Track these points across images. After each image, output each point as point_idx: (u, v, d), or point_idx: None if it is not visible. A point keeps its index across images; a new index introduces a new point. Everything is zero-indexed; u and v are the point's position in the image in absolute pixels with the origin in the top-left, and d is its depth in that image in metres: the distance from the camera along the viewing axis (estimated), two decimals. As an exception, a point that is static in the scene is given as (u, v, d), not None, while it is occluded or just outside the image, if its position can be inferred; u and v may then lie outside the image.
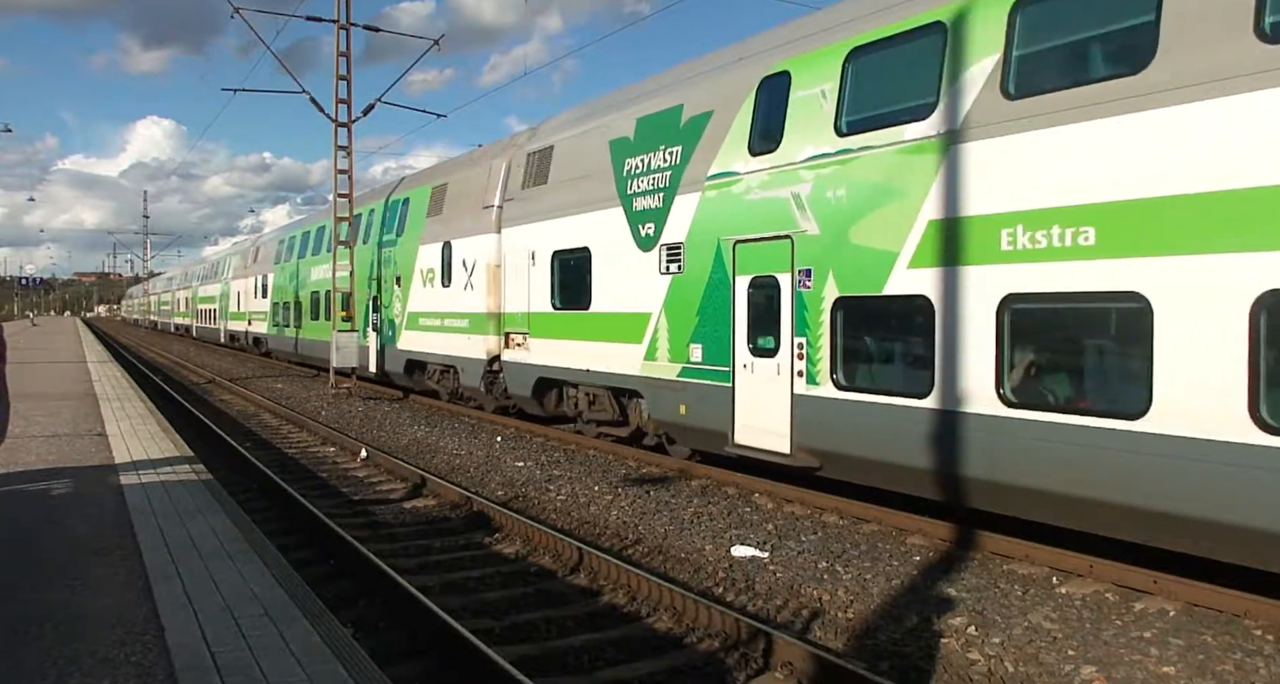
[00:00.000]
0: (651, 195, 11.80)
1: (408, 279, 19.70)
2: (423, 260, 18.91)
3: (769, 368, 9.89)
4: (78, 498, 7.96)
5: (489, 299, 16.09)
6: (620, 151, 12.55)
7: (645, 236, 11.89)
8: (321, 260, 26.22)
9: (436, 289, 18.22)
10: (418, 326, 19.23)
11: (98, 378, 21.12)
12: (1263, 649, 5.93)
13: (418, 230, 19.35)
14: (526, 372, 14.92)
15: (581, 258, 13.35)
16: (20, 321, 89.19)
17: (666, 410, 11.60)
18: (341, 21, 22.26)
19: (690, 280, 11.01)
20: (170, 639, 4.54)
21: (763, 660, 5.90)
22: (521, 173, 15.30)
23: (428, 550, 8.72)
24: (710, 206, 10.72)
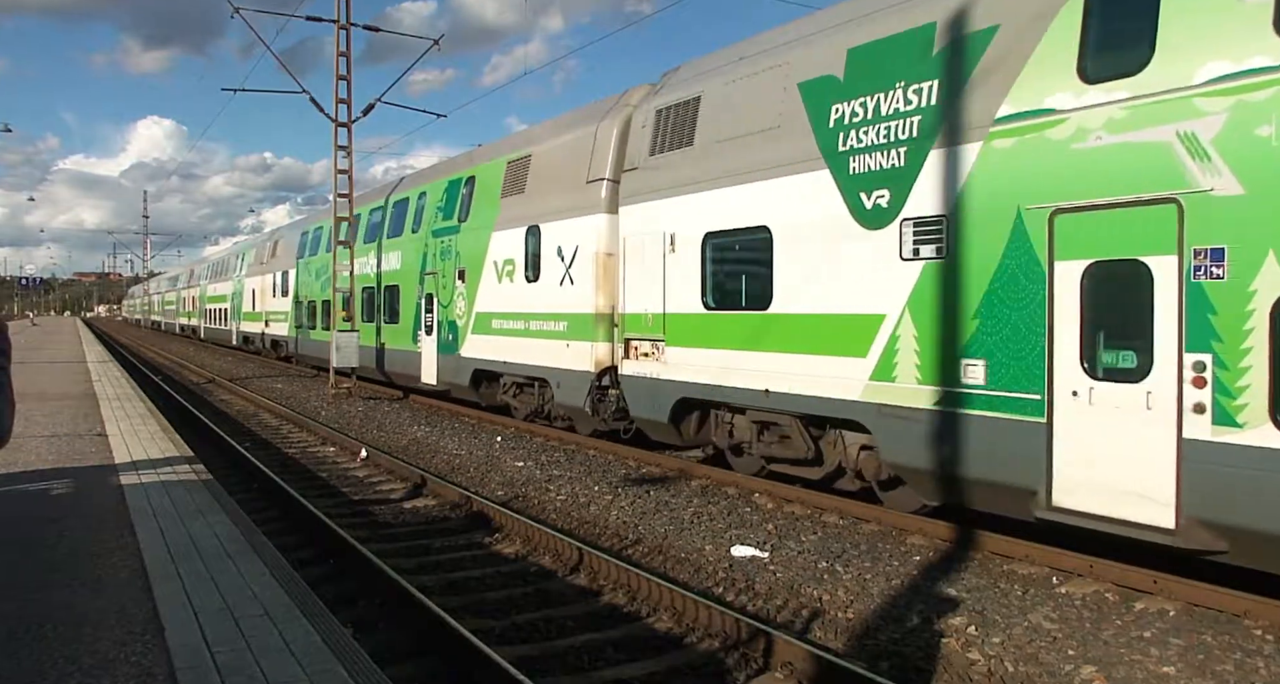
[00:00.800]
0: (883, 152, 8.72)
1: (475, 273, 16.69)
2: (497, 250, 15.93)
3: (1128, 397, 6.84)
4: (78, 498, 7.96)
5: (597, 296, 13.11)
6: (820, 95, 9.47)
7: (873, 209, 8.78)
8: (366, 252, 23.17)
9: (517, 284, 15.23)
10: (489, 330, 16.17)
11: (98, 378, 21.12)
12: (1263, 649, 5.93)
13: (489, 214, 16.36)
14: (660, 390, 11.78)
15: (754, 241, 10.31)
16: (20, 321, 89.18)
17: (911, 450, 8.39)
18: (341, 21, 22.26)
19: (961, 268, 7.92)
20: (170, 639, 4.54)
21: (763, 660, 5.90)
22: (649, 134, 12.21)
23: (428, 550, 8.72)
24: (1000, 162, 7.66)
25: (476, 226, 16.82)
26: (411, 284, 19.77)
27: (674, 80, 12.43)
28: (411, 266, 19.80)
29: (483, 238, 16.48)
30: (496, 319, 15.95)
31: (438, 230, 18.52)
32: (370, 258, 22.60)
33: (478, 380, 17.00)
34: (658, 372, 11.84)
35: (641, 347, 12.19)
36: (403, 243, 20.44)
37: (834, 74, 9.42)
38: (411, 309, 19.76)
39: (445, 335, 17.98)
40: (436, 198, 18.94)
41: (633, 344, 12.39)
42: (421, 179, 20.87)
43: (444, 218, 18.34)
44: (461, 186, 17.81)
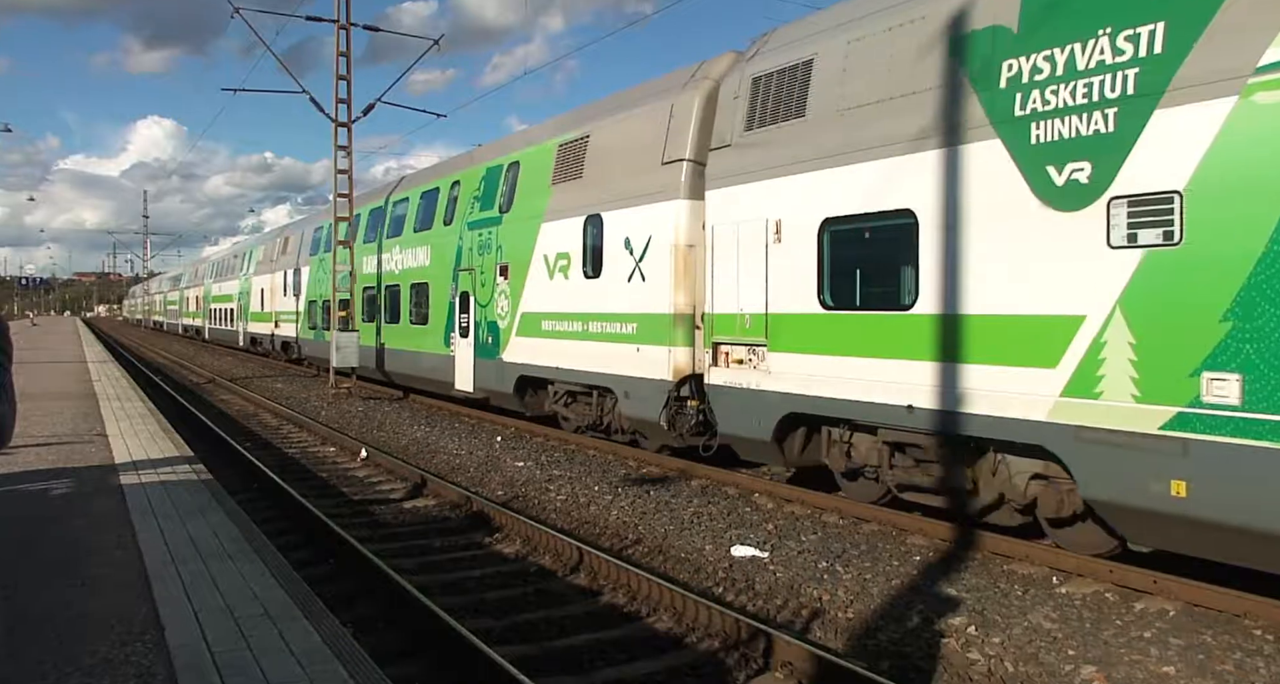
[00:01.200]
0: (1082, 115, 7.04)
1: (520, 268, 14.99)
2: (547, 242, 14.29)
3: None
4: (78, 498, 7.96)
5: (675, 295, 11.44)
6: (986, 50, 7.80)
7: (1067, 186, 7.11)
8: (385, 248, 21.51)
9: (574, 281, 13.58)
10: (537, 332, 14.50)
11: (98, 378, 21.12)
12: (1263, 649, 5.93)
13: (537, 203, 14.68)
14: (761, 403, 10.04)
15: (891, 228, 8.68)
16: (20, 321, 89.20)
17: (1128, 486, 6.74)
18: (341, 21, 22.28)
19: (1203, 258, 6.32)
20: (170, 639, 4.54)
21: (763, 660, 5.90)
22: (743, 107, 10.49)
23: (428, 550, 8.72)
24: (1264, 122, 6.09)
25: (522, 217, 15.10)
26: (443, 282, 17.93)
27: (772, 44, 10.58)
28: (443, 263, 17.97)
29: (530, 229, 14.75)
30: (547, 320, 14.22)
31: (475, 222, 16.71)
32: (392, 254, 20.91)
33: (522, 388, 15.19)
34: (758, 381, 10.08)
35: (735, 352, 10.40)
36: (432, 237, 18.65)
37: (1005, 24, 7.67)
38: (443, 309, 17.92)
39: (484, 338, 16.13)
40: (473, 187, 17.07)
41: (723, 349, 10.57)
42: (453, 167, 19.11)
43: (482, 208, 16.53)
44: (503, 174, 15.99)
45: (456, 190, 17.93)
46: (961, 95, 7.99)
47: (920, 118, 8.32)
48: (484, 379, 16.24)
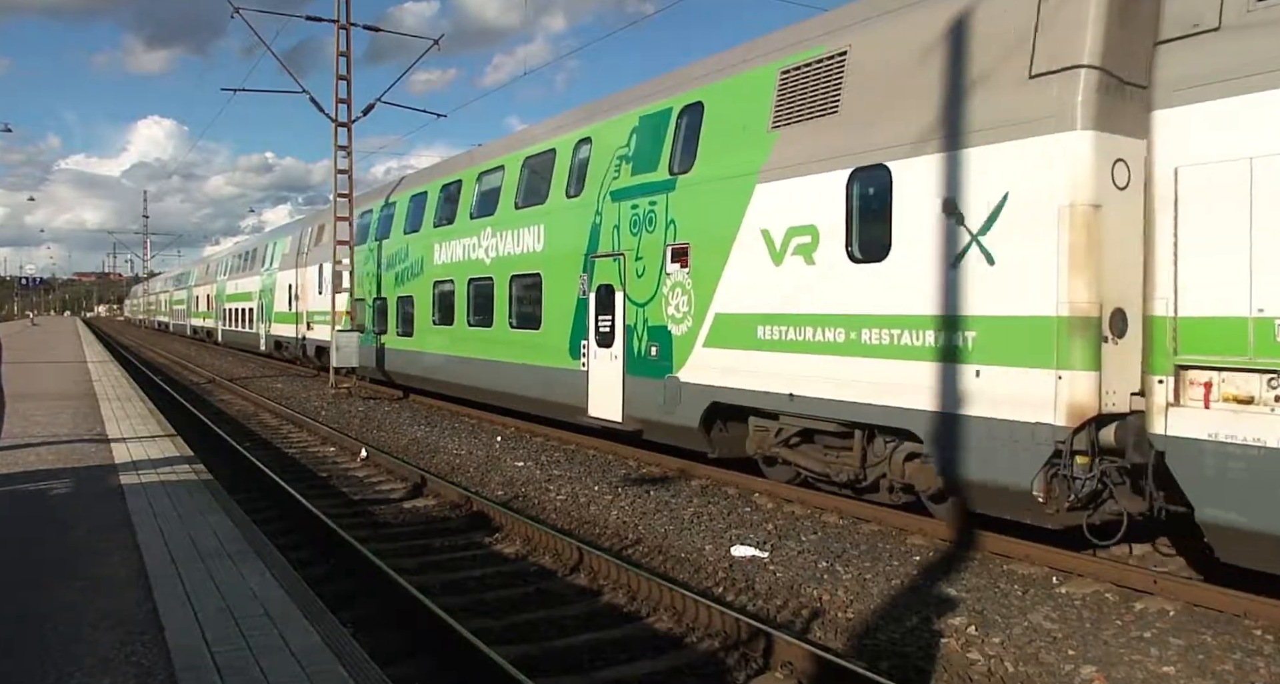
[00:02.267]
0: None
1: (712, 251, 10.77)
2: (766, 212, 10.02)
3: None
4: (78, 498, 7.96)
5: (1073, 284, 7.26)
6: None
7: None
8: (449, 236, 17.64)
9: (825, 267, 9.31)
10: (746, 341, 10.24)
11: (98, 378, 21.12)
12: (1263, 649, 5.93)
13: (744, 156, 10.35)
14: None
15: None
16: (20, 321, 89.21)
17: None
18: (341, 21, 22.29)
19: None
20: (170, 639, 4.54)
21: (763, 660, 5.90)
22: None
23: (428, 550, 8.72)
24: None
25: (714, 178, 10.79)
26: (566, 272, 13.67)
27: None
28: (565, 246, 13.76)
29: (730, 195, 10.46)
30: (767, 325, 9.93)
31: (624, 191, 12.45)
32: (465, 242, 17.06)
33: (712, 419, 11.05)
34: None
35: (1240, 384, 6.36)
36: (546, 214, 14.42)
37: None
38: (565, 309, 13.68)
39: (642, 348, 11.96)
40: (614, 142, 12.87)
41: (1207, 378, 6.54)
42: (572, 124, 14.49)
43: (636, 170, 12.25)
44: (672, 122, 11.70)
45: (585, 150, 13.65)
46: None
47: None
48: (641, 405, 12.00)
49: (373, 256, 21.91)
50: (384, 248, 21.31)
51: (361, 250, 22.80)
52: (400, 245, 20.29)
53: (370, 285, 22.03)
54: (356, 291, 22.86)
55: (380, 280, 21.43)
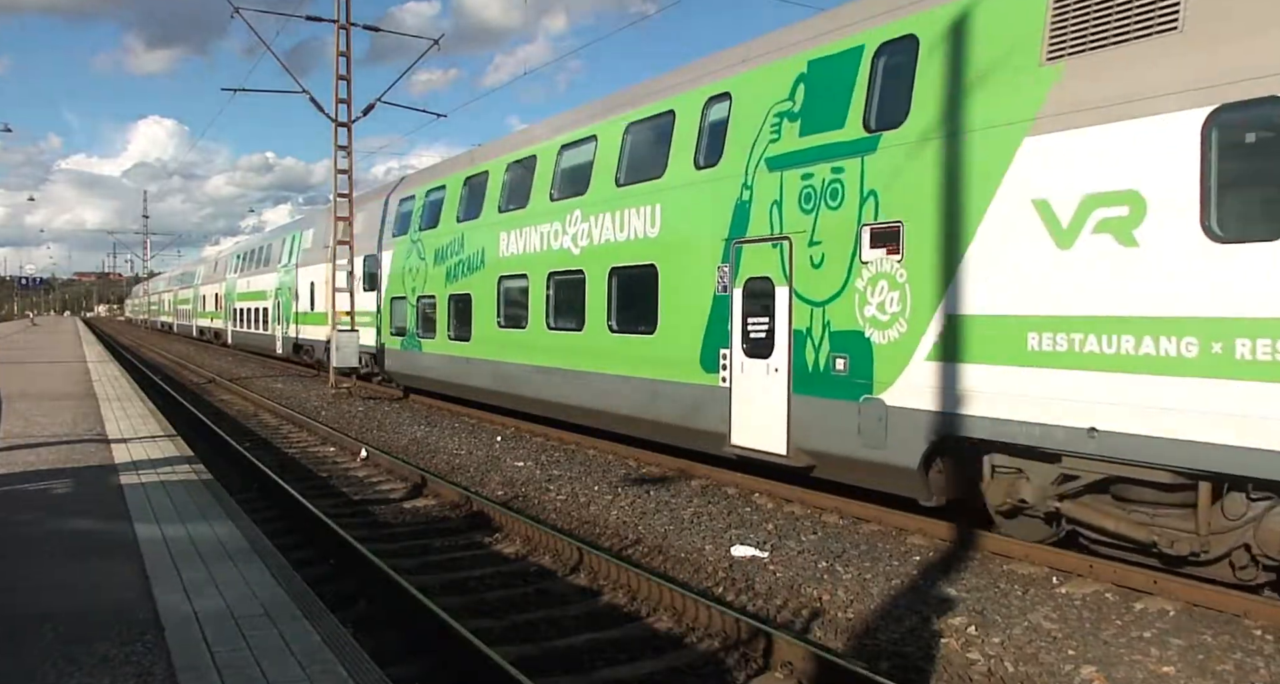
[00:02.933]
0: None
1: (940, 233, 8.22)
2: (1035, 177, 7.47)
3: None
4: (78, 498, 7.96)
5: None
6: None
7: None
8: (555, 213, 14.07)
9: (1146, 251, 6.78)
10: (1006, 353, 7.60)
11: (98, 378, 21.12)
12: (1263, 649, 5.93)
13: (999, 101, 7.78)
14: None
15: None
16: (20, 321, 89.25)
17: None
18: (341, 21, 22.31)
19: None
20: (170, 639, 4.54)
21: (763, 660, 5.90)
22: None
23: (428, 550, 8.72)
24: None
25: (946, 132, 8.19)
26: (692, 263, 11.08)
27: None
28: (691, 231, 11.18)
29: (978, 154, 7.87)
30: (1047, 332, 7.25)
31: (788, 156, 9.80)
32: (544, 229, 14.24)
33: (932, 458, 8.38)
34: None
35: None
36: (661, 192, 11.77)
37: None
38: (694, 308, 10.98)
39: (822, 360, 9.32)
40: (769, 96, 10.22)
41: None
42: (697, 79, 11.68)
43: (808, 128, 9.65)
44: (863, 62, 9.14)
45: (721, 109, 10.98)
46: None
47: None
48: (819, 434, 9.39)
49: (415, 249, 19.02)
50: (430, 239, 18.40)
51: (402, 241, 19.94)
52: (452, 235, 17.35)
53: (412, 282, 19.10)
54: (394, 289, 20.13)
55: (426, 276, 18.49)
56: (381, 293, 21.36)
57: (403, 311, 19.96)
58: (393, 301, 20.58)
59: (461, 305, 17.11)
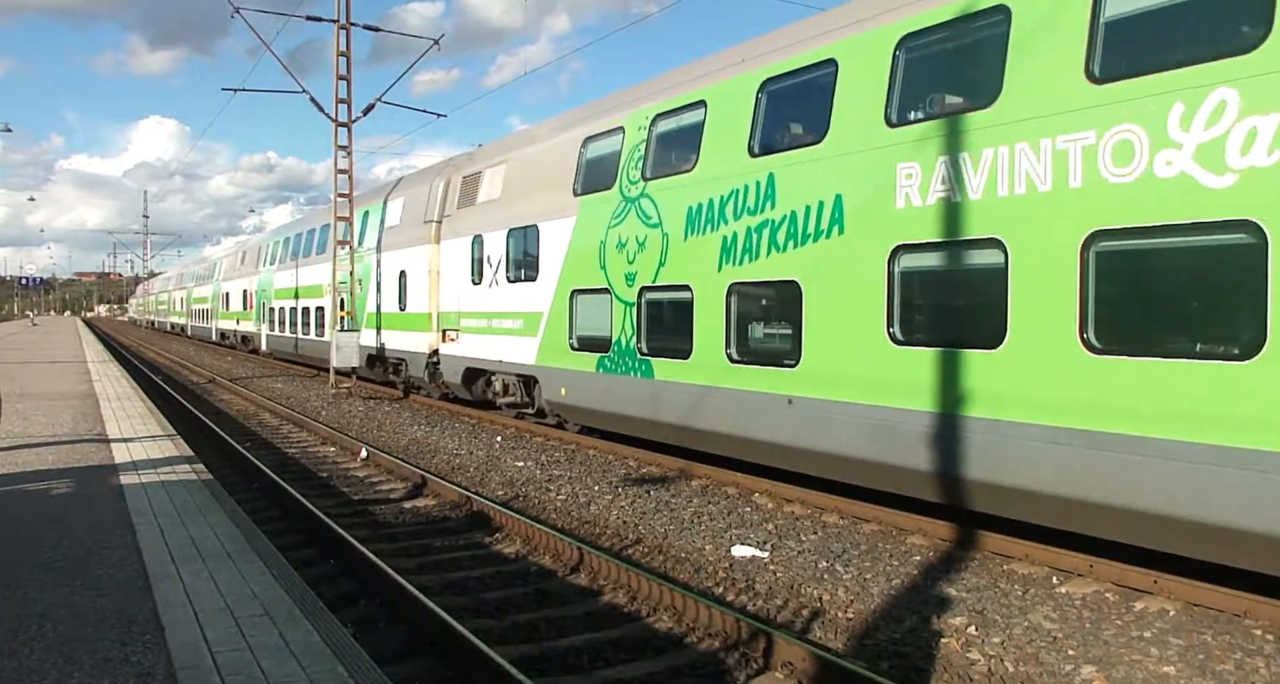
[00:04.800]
0: None
1: None
2: None
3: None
4: (78, 498, 7.96)
5: None
6: None
7: None
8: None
9: None
10: None
11: (98, 378, 21.12)
12: (1263, 649, 5.93)
13: None
14: None
15: None
16: (20, 321, 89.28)
17: None
18: (341, 21, 22.32)
19: None
20: (170, 639, 4.54)
21: (763, 660, 5.90)
22: None
23: (428, 550, 8.72)
24: None
25: None
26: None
27: None
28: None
29: None
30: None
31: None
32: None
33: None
34: None
35: None
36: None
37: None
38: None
39: None
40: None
41: None
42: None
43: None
44: None
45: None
46: None
47: None
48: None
49: (633, 212, 12.26)
50: (681, 191, 11.34)
51: (598, 202, 13.02)
52: (744, 178, 10.29)
53: (629, 265, 12.33)
54: (578, 275, 13.46)
55: (666, 254, 11.59)
56: (546, 281, 14.18)
57: (599, 313, 12.92)
58: (575, 296, 13.52)
59: (783, 304, 9.98)
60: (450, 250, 17.73)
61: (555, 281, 13.98)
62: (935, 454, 8.07)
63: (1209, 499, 6.21)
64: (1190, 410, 6.33)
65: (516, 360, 15.06)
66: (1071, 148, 7.11)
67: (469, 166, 17.96)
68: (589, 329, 13.34)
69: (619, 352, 12.49)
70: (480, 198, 16.86)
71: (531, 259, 14.74)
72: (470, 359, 16.83)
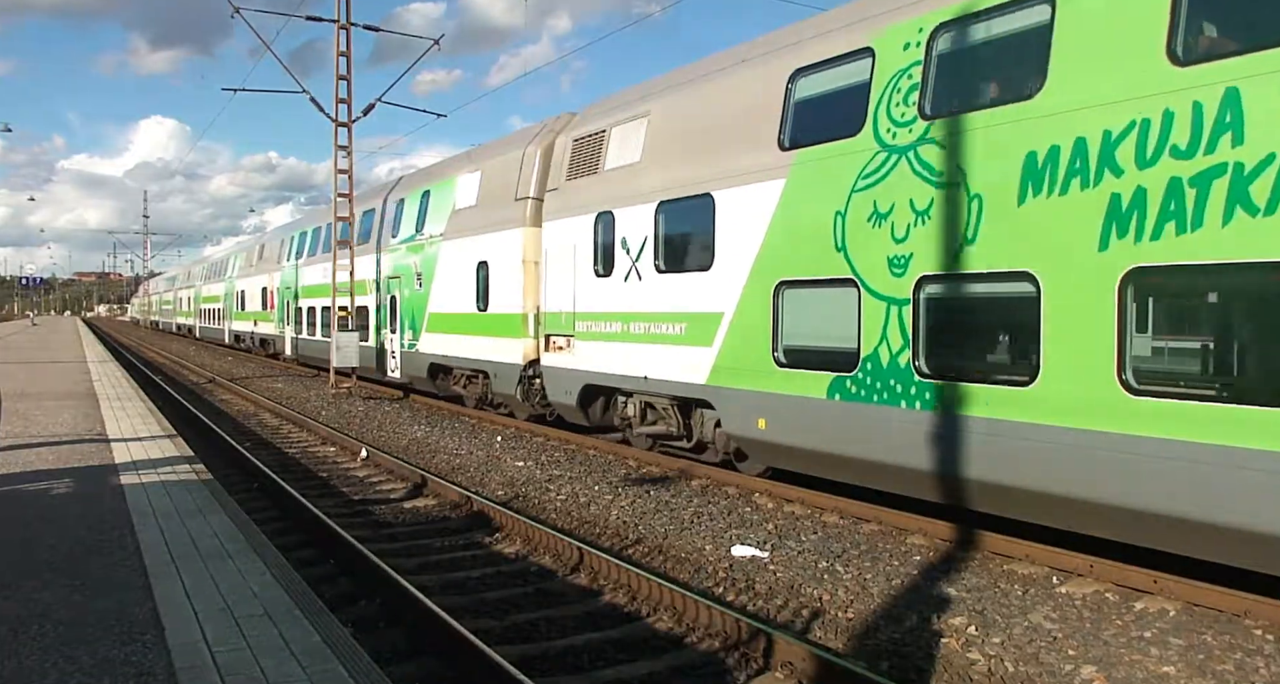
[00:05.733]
0: None
1: None
2: None
3: None
4: (78, 498, 7.96)
5: None
6: None
7: None
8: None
9: None
10: None
11: (98, 377, 21.12)
12: (1263, 649, 5.93)
13: None
14: None
15: None
16: (20, 321, 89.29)
17: None
18: (341, 21, 22.33)
19: None
20: (170, 639, 4.54)
21: (763, 660, 5.90)
22: None
23: (428, 550, 8.72)
24: None
25: None
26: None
27: None
28: None
29: None
30: None
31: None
32: None
33: None
34: None
35: None
36: None
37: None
38: None
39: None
40: None
41: None
42: None
43: None
44: None
45: None
46: None
47: None
48: None
49: (844, 179, 8.99)
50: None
51: (825, 157, 9.26)
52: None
53: (843, 247, 8.99)
54: (777, 264, 9.73)
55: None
56: (729, 271, 10.39)
57: (832, 314, 9.27)
58: (782, 291, 9.73)
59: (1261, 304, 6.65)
60: (557, 233, 13.90)
61: (746, 271, 10.11)
62: None
63: None
64: None
65: (672, 377, 11.37)
66: None
67: (583, 126, 13.89)
68: (811, 337, 9.65)
69: (873, 370, 8.62)
70: (607, 164, 12.97)
71: (701, 241, 10.94)
72: (592, 374, 13.04)
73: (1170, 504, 6.38)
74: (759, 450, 10.56)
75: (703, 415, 11.43)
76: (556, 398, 14.16)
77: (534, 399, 15.22)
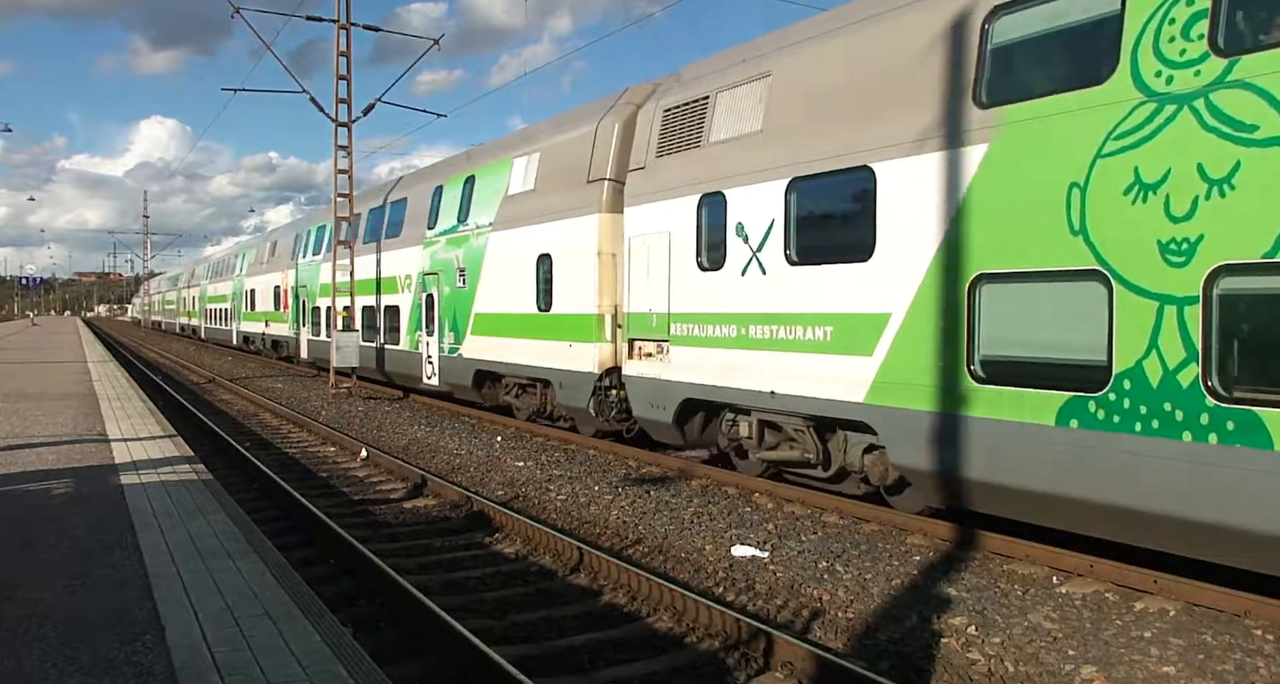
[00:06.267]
0: None
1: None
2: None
3: None
4: (78, 498, 7.96)
5: None
6: None
7: None
8: None
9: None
10: None
11: (98, 377, 21.12)
12: (1263, 649, 5.93)
13: None
14: None
15: None
16: (20, 321, 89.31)
17: None
18: (341, 21, 22.33)
19: None
20: (170, 639, 4.54)
21: (763, 660, 5.90)
22: None
23: (428, 550, 8.72)
24: None
25: None
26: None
27: None
28: None
29: None
30: None
31: None
32: None
33: None
34: None
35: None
36: None
37: None
38: None
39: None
40: None
41: None
42: None
43: None
44: None
45: None
46: None
47: None
48: None
49: (1085, 141, 6.96)
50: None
51: (1053, 114, 7.23)
52: None
53: (1082, 229, 6.97)
54: (973, 253, 7.75)
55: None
56: (896, 262, 8.51)
57: (1062, 315, 7.39)
58: (980, 286, 7.78)
59: None
60: (645, 220, 11.88)
61: (924, 261, 8.15)
62: None
63: None
64: None
65: (812, 394, 9.38)
66: None
67: (677, 93, 11.79)
68: (1027, 346, 7.54)
69: (1135, 391, 6.63)
70: (713, 136, 10.94)
71: (854, 225, 9.06)
72: (693, 385, 11.09)
73: None
74: (941, 486, 8.29)
75: (845, 439, 9.45)
76: (644, 413, 12.09)
77: (609, 413, 13.09)
